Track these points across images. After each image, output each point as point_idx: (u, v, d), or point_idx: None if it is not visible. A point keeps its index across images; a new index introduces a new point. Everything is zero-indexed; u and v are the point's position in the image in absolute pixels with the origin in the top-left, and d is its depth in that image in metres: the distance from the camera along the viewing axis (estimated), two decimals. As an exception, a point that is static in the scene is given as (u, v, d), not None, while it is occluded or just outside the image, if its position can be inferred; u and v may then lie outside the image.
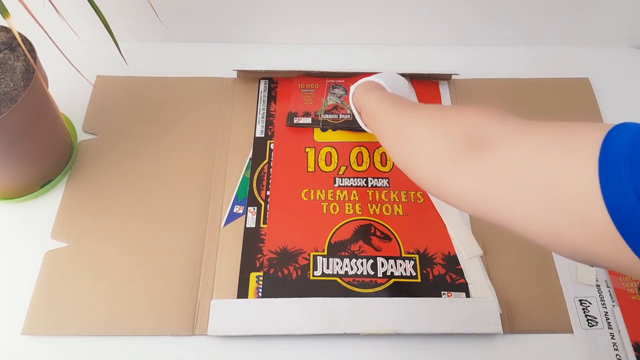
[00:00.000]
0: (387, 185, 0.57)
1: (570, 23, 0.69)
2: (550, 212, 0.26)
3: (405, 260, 0.52)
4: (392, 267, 0.51)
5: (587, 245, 0.25)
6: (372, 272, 0.51)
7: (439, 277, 0.51)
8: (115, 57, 0.50)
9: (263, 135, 0.61)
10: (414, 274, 0.51)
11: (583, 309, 0.50)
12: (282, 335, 0.48)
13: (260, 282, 0.50)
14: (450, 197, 0.33)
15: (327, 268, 0.51)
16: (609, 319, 0.49)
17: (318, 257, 0.52)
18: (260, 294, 0.50)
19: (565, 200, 0.25)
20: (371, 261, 0.52)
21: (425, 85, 0.65)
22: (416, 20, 0.68)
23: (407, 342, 0.48)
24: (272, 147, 0.60)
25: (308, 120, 0.61)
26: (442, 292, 0.50)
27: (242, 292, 0.50)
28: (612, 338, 0.48)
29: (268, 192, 0.56)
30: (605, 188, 0.23)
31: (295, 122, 0.61)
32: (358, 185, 0.57)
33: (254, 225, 0.54)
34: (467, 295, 0.50)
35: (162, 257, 0.52)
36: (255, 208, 0.55)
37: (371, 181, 0.57)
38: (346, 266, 0.51)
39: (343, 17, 0.67)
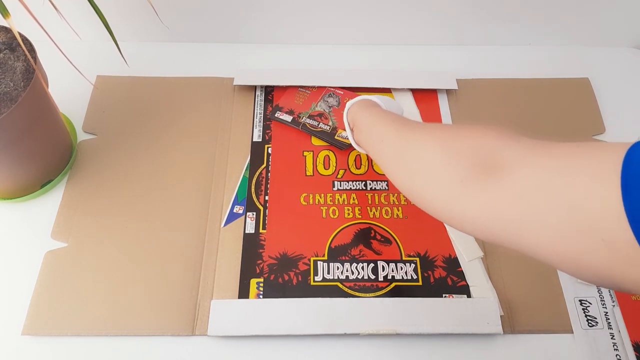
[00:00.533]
0: (386, 187, 0.57)
1: (570, 23, 0.69)
2: (572, 235, 0.25)
3: (406, 264, 0.52)
4: (392, 271, 0.51)
5: (610, 268, 0.24)
6: (373, 276, 0.51)
7: (440, 279, 0.51)
8: (116, 57, 0.50)
9: (260, 140, 0.60)
10: (414, 277, 0.51)
11: (583, 309, 0.50)
12: (282, 335, 0.48)
13: (261, 289, 0.50)
14: (462, 223, 0.32)
15: (328, 273, 0.51)
16: (609, 319, 0.49)
17: (318, 262, 0.52)
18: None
19: (588, 222, 0.24)
20: (372, 265, 0.52)
21: (424, 93, 0.65)
22: (416, 20, 0.68)
23: (407, 343, 0.48)
24: (269, 151, 0.59)
25: (288, 118, 0.61)
26: (444, 295, 0.50)
27: (243, 297, 0.50)
28: (612, 338, 0.48)
29: (267, 197, 0.56)
30: (629, 208, 0.23)
31: (276, 116, 0.61)
32: (357, 188, 0.57)
33: (253, 231, 0.54)
34: (469, 297, 0.50)
35: (162, 257, 0.52)
36: (254, 213, 0.55)
37: (370, 184, 0.57)
38: (347, 270, 0.51)
39: (343, 18, 0.67)
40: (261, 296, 0.50)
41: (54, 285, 0.50)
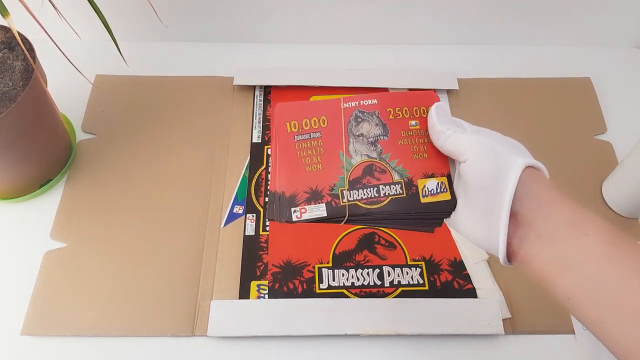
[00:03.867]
0: None
1: (571, 23, 0.69)
2: None
3: (412, 268, 0.51)
4: (398, 276, 0.51)
5: None
6: (378, 282, 0.50)
7: (446, 283, 0.50)
8: (115, 57, 0.50)
9: (260, 141, 0.60)
10: (421, 281, 0.50)
11: (584, 309, 0.50)
12: (283, 336, 0.48)
13: (262, 292, 0.50)
14: None
15: (333, 280, 0.50)
16: (610, 319, 0.49)
17: (323, 270, 0.51)
18: None
19: None
20: (377, 271, 0.51)
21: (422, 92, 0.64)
22: (417, 19, 0.68)
23: (407, 343, 0.48)
24: (269, 152, 0.59)
25: (321, 211, 0.35)
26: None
27: (243, 298, 0.49)
28: (613, 339, 0.48)
29: (267, 199, 0.56)
30: None
31: (294, 218, 0.35)
32: None
33: (253, 233, 0.53)
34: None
35: (162, 257, 0.52)
36: (254, 215, 0.54)
37: None
38: (352, 277, 0.51)
39: (343, 17, 0.67)
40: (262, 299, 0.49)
41: (53, 285, 0.50)
